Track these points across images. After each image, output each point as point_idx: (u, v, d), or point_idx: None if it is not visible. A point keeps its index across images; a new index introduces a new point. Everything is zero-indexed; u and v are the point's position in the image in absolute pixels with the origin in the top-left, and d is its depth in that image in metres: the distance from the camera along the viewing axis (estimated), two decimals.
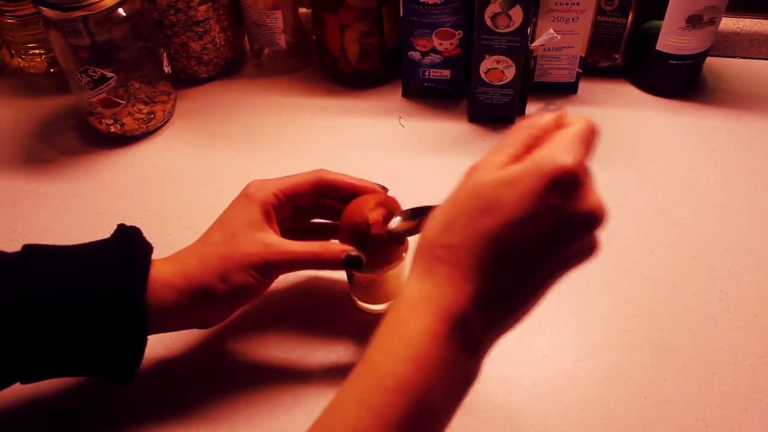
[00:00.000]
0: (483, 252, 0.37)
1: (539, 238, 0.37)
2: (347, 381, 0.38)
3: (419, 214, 0.53)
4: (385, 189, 0.57)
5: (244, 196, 0.55)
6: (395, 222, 0.54)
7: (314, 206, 0.58)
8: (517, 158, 0.39)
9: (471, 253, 0.37)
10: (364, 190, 0.56)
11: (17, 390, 0.57)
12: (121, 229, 0.53)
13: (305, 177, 0.56)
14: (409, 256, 0.57)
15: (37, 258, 0.49)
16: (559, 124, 0.40)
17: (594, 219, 0.38)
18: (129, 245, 0.51)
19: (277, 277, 0.55)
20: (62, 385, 0.57)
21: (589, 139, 0.39)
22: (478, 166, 0.39)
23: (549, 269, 0.39)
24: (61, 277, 0.48)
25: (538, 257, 0.38)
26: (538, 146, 0.39)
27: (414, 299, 0.38)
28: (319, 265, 0.54)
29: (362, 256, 0.53)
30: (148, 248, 0.52)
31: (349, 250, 0.53)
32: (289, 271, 0.55)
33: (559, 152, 0.37)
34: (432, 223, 0.40)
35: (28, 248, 0.50)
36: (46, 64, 0.93)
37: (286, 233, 0.56)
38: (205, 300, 0.51)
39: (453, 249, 0.38)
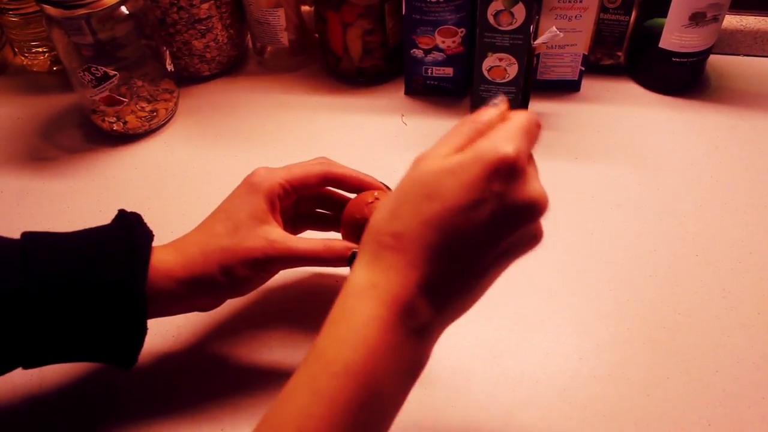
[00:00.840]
0: (427, 238, 0.38)
1: (481, 225, 0.38)
2: (298, 368, 0.39)
3: None
4: (388, 188, 0.57)
5: (250, 184, 0.54)
6: None
7: (317, 194, 0.59)
8: (460, 149, 0.40)
9: (416, 240, 0.38)
10: (369, 186, 0.57)
11: (19, 386, 0.57)
12: (122, 215, 0.52)
13: (313, 169, 0.56)
14: None
15: (36, 247, 0.48)
16: (502, 118, 0.41)
17: (535, 208, 0.39)
18: (129, 233, 0.50)
19: (279, 271, 0.55)
20: (65, 381, 0.58)
21: (532, 130, 0.40)
22: (422, 157, 0.40)
23: (492, 256, 0.39)
24: (61, 268, 0.47)
25: (481, 244, 0.39)
26: (480, 136, 0.40)
27: (360, 286, 0.39)
28: (323, 263, 0.54)
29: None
30: (149, 236, 0.52)
31: (353, 247, 0.53)
32: (291, 267, 0.55)
33: (500, 142, 0.38)
34: (379, 212, 0.40)
35: (26, 236, 0.49)
36: (49, 63, 0.93)
37: (287, 220, 0.56)
38: (205, 290, 0.52)
39: (398, 236, 0.38)
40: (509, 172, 0.38)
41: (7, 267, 0.47)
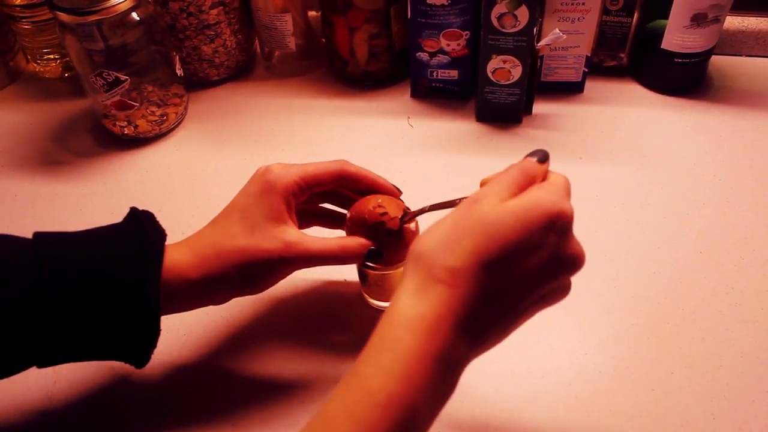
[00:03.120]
0: (482, 277, 0.39)
1: (531, 270, 0.40)
2: (337, 393, 0.39)
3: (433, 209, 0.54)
4: (399, 191, 0.58)
5: (266, 182, 0.53)
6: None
7: (327, 191, 0.59)
8: (514, 196, 0.42)
9: (471, 278, 0.39)
10: (383, 188, 0.57)
11: (34, 385, 0.58)
12: (134, 213, 0.52)
13: (328, 167, 0.56)
14: None
15: (48, 247, 0.48)
16: (545, 172, 0.45)
17: (577, 262, 0.42)
18: (142, 232, 0.50)
19: (294, 271, 0.55)
20: (78, 381, 0.59)
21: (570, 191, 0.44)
22: (480, 198, 0.42)
23: (531, 300, 0.42)
24: (73, 268, 0.48)
25: (527, 288, 0.41)
26: (531, 188, 0.43)
27: (408, 316, 0.40)
28: (339, 262, 0.54)
29: (382, 251, 0.55)
30: (162, 235, 0.52)
31: (368, 244, 0.54)
32: (307, 267, 0.55)
33: (558, 197, 0.41)
34: (430, 242, 0.41)
35: (38, 236, 0.49)
36: (60, 69, 0.95)
37: (296, 214, 0.57)
38: (219, 289, 0.52)
39: (453, 272, 0.39)
40: (564, 225, 0.41)
41: (19, 268, 0.47)
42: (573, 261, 0.42)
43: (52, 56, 0.94)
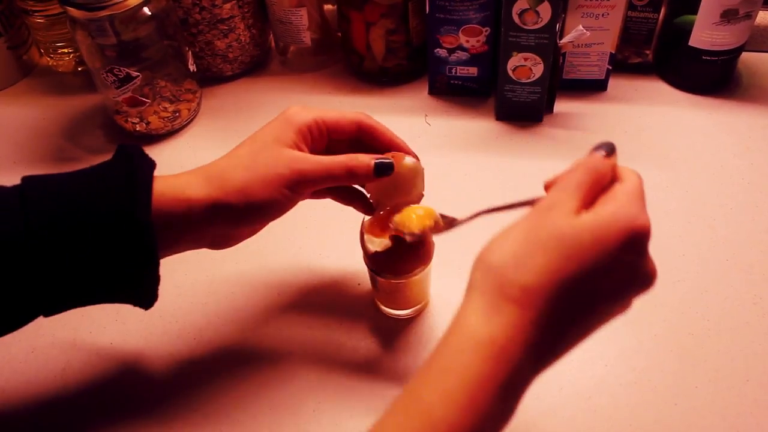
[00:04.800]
0: (555, 298, 0.37)
1: (605, 292, 0.38)
2: (393, 416, 0.38)
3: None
4: (417, 158, 0.56)
5: (284, 117, 0.53)
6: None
7: (350, 147, 0.55)
8: (586, 203, 0.39)
9: (543, 298, 0.37)
10: (400, 148, 0.55)
11: (24, 385, 0.58)
12: (121, 148, 0.50)
13: (348, 115, 0.54)
14: (432, 262, 0.57)
15: (35, 188, 0.47)
16: (614, 169, 0.42)
17: (649, 281, 0.40)
18: (129, 163, 0.48)
19: (303, 195, 0.53)
20: (86, 380, 0.58)
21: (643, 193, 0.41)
22: (551, 206, 0.39)
23: (598, 320, 0.40)
24: (60, 202, 0.46)
25: (597, 308, 0.39)
26: (600, 191, 0.40)
27: (478, 338, 0.37)
28: (350, 177, 0.52)
29: (392, 161, 0.53)
30: (150, 163, 0.50)
31: (378, 157, 0.52)
32: (316, 186, 0.53)
33: (636, 210, 0.38)
34: (500, 254, 0.39)
35: (25, 180, 0.48)
36: (74, 63, 0.94)
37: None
38: (220, 214, 0.50)
39: (526, 290, 0.37)
40: (642, 243, 0.38)
41: (6, 210, 0.45)
42: (645, 280, 0.40)
43: (65, 50, 0.93)
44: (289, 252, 0.68)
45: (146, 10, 0.73)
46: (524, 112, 0.79)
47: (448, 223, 0.53)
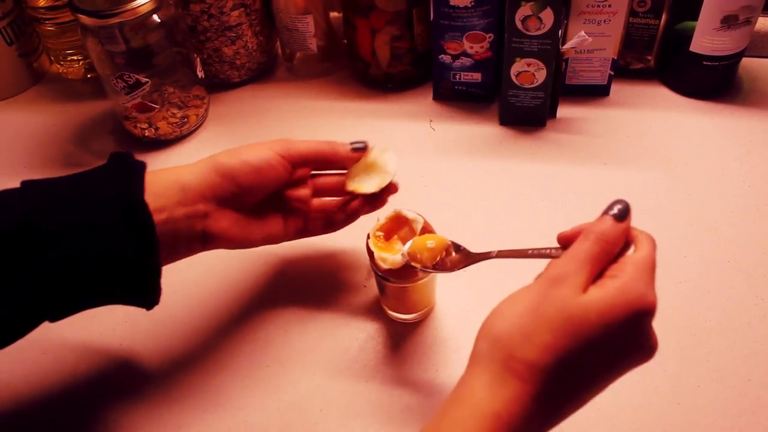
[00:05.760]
0: (559, 375, 0.38)
1: (607, 364, 0.40)
2: None
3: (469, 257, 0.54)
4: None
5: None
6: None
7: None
8: (593, 275, 0.40)
9: (548, 375, 0.38)
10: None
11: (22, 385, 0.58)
12: (114, 153, 0.52)
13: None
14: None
15: (33, 188, 0.48)
16: (627, 235, 0.43)
17: (650, 353, 0.41)
18: (122, 161, 0.50)
19: (294, 168, 0.56)
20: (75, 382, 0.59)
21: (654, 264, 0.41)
22: (559, 280, 0.40)
23: (596, 391, 0.41)
24: (59, 200, 0.47)
25: (599, 379, 0.40)
26: (610, 259, 0.41)
27: (482, 411, 0.39)
28: (332, 152, 0.57)
29: (366, 141, 0.58)
30: (142, 164, 0.51)
31: (354, 142, 0.57)
32: (304, 158, 0.57)
33: (644, 287, 0.39)
34: (507, 326, 0.40)
35: (24, 183, 0.48)
36: (83, 70, 0.95)
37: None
38: (216, 182, 0.52)
39: (531, 366, 0.38)
40: (647, 320, 0.39)
41: (7, 209, 0.46)
42: (646, 353, 0.41)
43: (75, 57, 0.94)
44: (297, 253, 0.69)
45: (155, 17, 0.75)
46: (527, 117, 0.80)
47: (459, 260, 0.54)
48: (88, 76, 0.95)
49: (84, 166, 0.80)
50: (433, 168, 0.77)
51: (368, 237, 0.56)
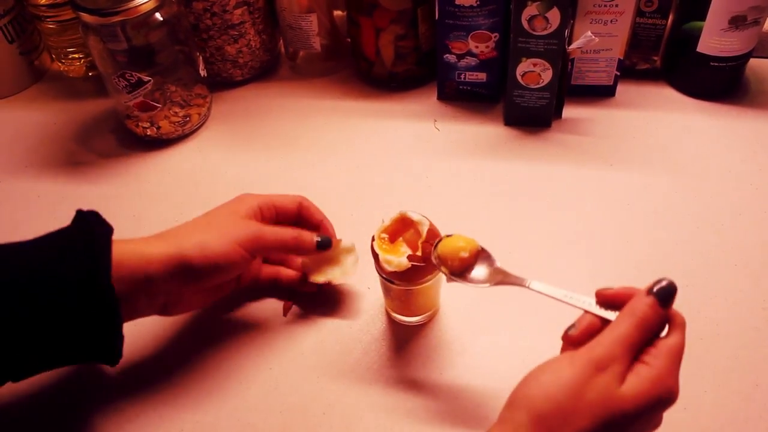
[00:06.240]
0: None
1: None
2: None
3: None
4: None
5: (237, 198, 0.59)
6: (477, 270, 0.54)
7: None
8: (632, 359, 0.43)
9: None
10: (326, 228, 0.62)
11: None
12: (79, 214, 0.52)
13: (290, 197, 0.61)
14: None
15: None
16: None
17: (658, 425, 0.44)
18: (88, 230, 0.50)
19: (254, 258, 0.57)
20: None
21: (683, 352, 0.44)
22: (602, 365, 0.42)
23: None
24: (22, 272, 0.47)
25: None
26: (649, 339, 0.44)
27: None
28: (297, 247, 0.58)
29: (331, 239, 0.60)
30: (108, 229, 0.52)
31: (318, 236, 0.59)
32: (269, 250, 0.61)
33: (674, 380, 0.42)
34: (548, 403, 0.41)
35: None
36: (85, 68, 0.95)
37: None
38: (178, 270, 0.52)
39: None
40: (669, 405, 0.43)
41: None
42: (656, 426, 0.44)
43: (76, 55, 0.94)
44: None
45: (158, 15, 0.74)
46: (533, 117, 0.80)
47: (492, 276, 0.53)
48: (90, 74, 0.95)
49: (85, 165, 0.81)
50: (437, 168, 0.77)
51: (373, 239, 0.55)
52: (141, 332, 0.62)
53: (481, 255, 0.53)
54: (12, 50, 0.91)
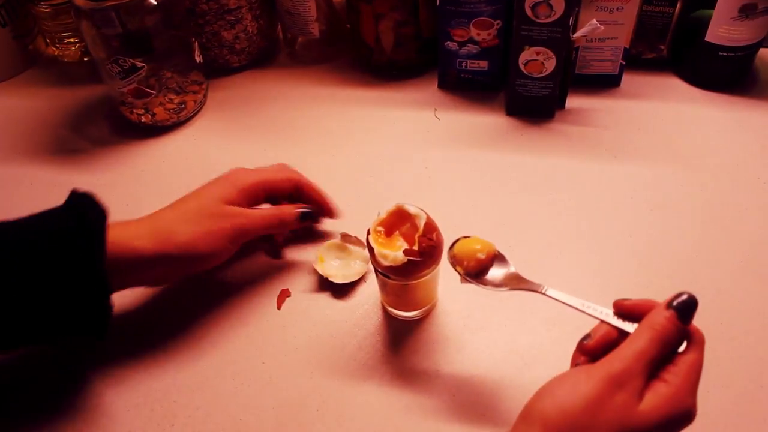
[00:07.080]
0: None
1: None
2: None
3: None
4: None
5: (227, 178, 0.61)
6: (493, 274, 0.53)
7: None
8: (649, 375, 0.42)
9: None
10: (325, 203, 0.65)
11: None
12: (73, 193, 0.54)
13: (284, 174, 0.63)
14: (441, 265, 0.56)
15: None
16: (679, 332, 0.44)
17: None
18: (81, 211, 0.52)
19: (240, 245, 0.60)
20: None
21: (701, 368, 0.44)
22: (621, 382, 0.41)
23: None
24: (17, 250, 0.49)
25: None
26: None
27: None
28: (281, 225, 0.62)
29: (312, 210, 0.63)
30: (103, 212, 0.53)
31: (302, 207, 0.62)
32: (254, 237, 0.61)
33: (692, 399, 0.41)
34: (565, 419, 0.41)
35: None
36: (79, 53, 0.94)
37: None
38: (165, 264, 0.55)
39: None
40: (685, 426, 0.42)
41: None
42: None
43: (71, 40, 0.93)
44: (294, 250, 0.67)
45: None
46: (535, 107, 0.78)
47: (508, 281, 0.52)
48: (85, 59, 0.94)
49: (79, 152, 0.80)
50: (437, 158, 0.75)
51: (368, 232, 0.54)
52: (131, 326, 0.61)
53: (497, 259, 0.53)
54: (5, 34, 0.90)
